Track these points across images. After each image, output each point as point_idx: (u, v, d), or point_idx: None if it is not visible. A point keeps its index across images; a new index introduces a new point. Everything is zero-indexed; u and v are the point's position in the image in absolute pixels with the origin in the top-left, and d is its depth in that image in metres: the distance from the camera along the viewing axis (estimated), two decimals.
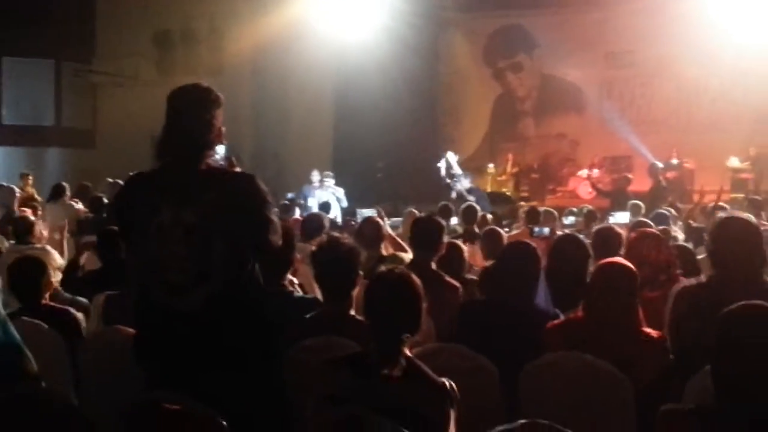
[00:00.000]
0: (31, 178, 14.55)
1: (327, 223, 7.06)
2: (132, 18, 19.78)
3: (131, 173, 3.68)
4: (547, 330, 3.93)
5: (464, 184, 15.17)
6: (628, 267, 3.86)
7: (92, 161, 19.30)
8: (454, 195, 14.68)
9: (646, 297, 4.00)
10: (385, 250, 6.54)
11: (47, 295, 4.87)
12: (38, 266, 4.86)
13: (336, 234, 4.27)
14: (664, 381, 3.59)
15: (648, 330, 3.77)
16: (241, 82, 18.33)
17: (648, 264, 4.55)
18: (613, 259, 4.12)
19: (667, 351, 3.70)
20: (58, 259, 7.30)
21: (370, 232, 6.24)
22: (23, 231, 7.54)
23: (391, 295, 2.98)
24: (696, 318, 3.52)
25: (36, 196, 13.26)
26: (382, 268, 3.31)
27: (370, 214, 9.88)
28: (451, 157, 16.74)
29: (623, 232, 6.09)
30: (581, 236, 5.62)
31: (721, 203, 10.08)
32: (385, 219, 8.01)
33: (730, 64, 18.91)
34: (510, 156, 20.55)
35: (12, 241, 7.73)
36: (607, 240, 5.49)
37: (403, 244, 6.58)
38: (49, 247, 7.56)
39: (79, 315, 4.76)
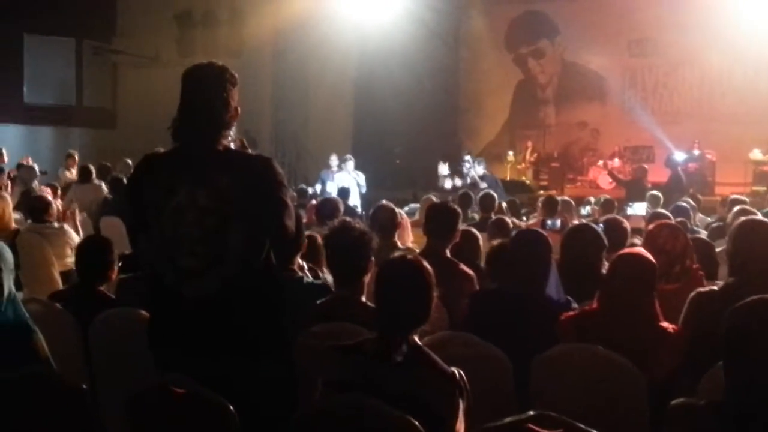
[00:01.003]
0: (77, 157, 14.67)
1: (342, 208, 6.97)
2: None
3: (146, 153, 3.64)
4: (560, 321, 3.88)
5: (477, 170, 15.09)
6: (648, 259, 3.79)
7: (113, 141, 19.37)
8: (468, 181, 14.61)
9: (661, 289, 3.94)
10: (401, 240, 6.42)
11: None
12: (106, 246, 4.83)
13: (348, 218, 4.21)
14: (678, 376, 3.55)
15: (665, 324, 3.72)
16: (261, 65, 18.33)
17: (664, 253, 4.49)
18: (633, 249, 4.06)
19: (682, 346, 3.64)
20: (74, 238, 7.38)
21: (384, 219, 6.04)
22: (39, 210, 7.60)
23: (401, 282, 2.95)
24: (710, 324, 3.47)
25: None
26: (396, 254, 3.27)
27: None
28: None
29: (628, 225, 6.04)
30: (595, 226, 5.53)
31: (738, 195, 9.96)
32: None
33: (754, 55, 18.70)
34: (530, 143, 20.50)
35: (29, 221, 7.78)
36: (613, 231, 5.44)
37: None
38: (66, 226, 7.64)
39: None
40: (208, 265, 3.16)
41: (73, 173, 13.75)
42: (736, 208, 6.83)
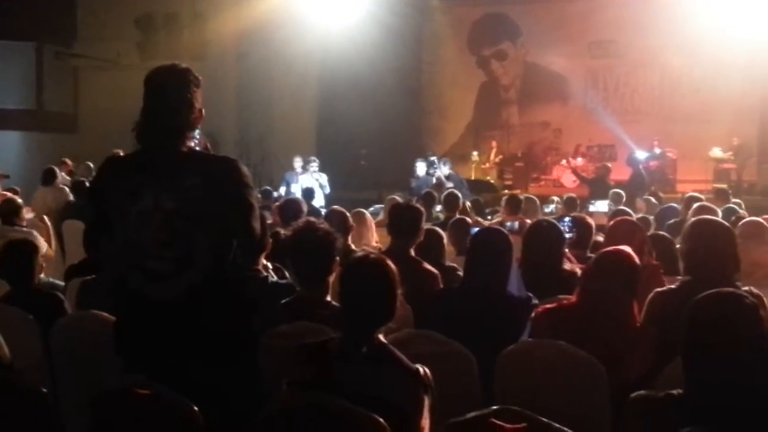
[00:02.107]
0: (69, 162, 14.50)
1: (305, 209, 6.96)
2: (114, 1, 19.61)
3: (108, 156, 3.60)
4: (535, 314, 3.89)
5: (443, 170, 15.15)
6: (631, 257, 3.80)
7: (74, 145, 19.13)
8: (433, 181, 14.66)
9: None
10: (365, 240, 6.44)
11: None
12: (30, 248, 4.80)
13: (313, 218, 4.22)
14: (651, 374, 3.57)
15: (641, 323, 3.75)
16: (224, 68, 18.26)
17: None
18: (618, 248, 4.04)
19: (654, 347, 3.64)
20: (41, 243, 7.32)
21: (336, 223, 6.03)
22: (10, 212, 7.62)
23: (366, 281, 2.95)
24: (669, 321, 3.51)
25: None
26: (359, 253, 3.27)
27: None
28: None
29: (593, 222, 6.11)
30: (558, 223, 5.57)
31: (696, 193, 10.10)
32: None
33: (712, 55, 18.99)
34: (494, 144, 20.57)
35: None
36: (579, 228, 5.48)
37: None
38: (34, 231, 7.58)
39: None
40: (176, 268, 3.14)
41: (66, 179, 13.54)
42: (694, 206, 6.92)
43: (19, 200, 8.34)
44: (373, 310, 2.93)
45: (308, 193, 12.47)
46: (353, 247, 6.07)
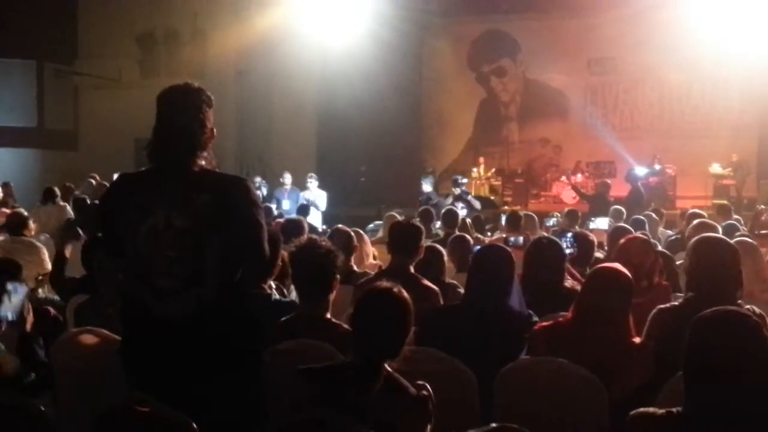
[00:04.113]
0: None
1: (306, 227, 6.97)
2: (115, 19, 19.67)
3: (116, 174, 3.61)
4: (533, 332, 3.91)
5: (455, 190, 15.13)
6: (625, 274, 3.83)
7: (74, 163, 19.19)
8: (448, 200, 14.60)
9: None
10: (360, 261, 6.43)
11: None
12: (14, 267, 4.81)
13: (315, 236, 4.24)
14: (647, 391, 3.57)
15: (636, 340, 3.75)
16: (224, 85, 18.29)
17: (633, 267, 4.51)
18: (611, 264, 4.08)
19: (651, 362, 3.65)
20: (45, 254, 7.38)
21: (340, 243, 6.02)
22: (18, 224, 7.85)
23: (383, 312, 2.95)
24: (671, 338, 3.50)
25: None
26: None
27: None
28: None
29: (594, 239, 6.11)
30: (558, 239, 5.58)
31: (697, 209, 10.11)
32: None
33: (711, 72, 19.09)
34: (482, 160, 20.34)
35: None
36: (581, 244, 5.49)
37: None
38: (37, 242, 7.66)
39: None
40: (185, 286, 3.15)
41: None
42: (694, 222, 6.93)
43: (26, 213, 8.52)
44: (386, 343, 2.93)
45: (303, 210, 12.48)
46: (355, 267, 6.07)
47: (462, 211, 12.98)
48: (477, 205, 14.74)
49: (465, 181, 16.23)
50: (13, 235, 7.77)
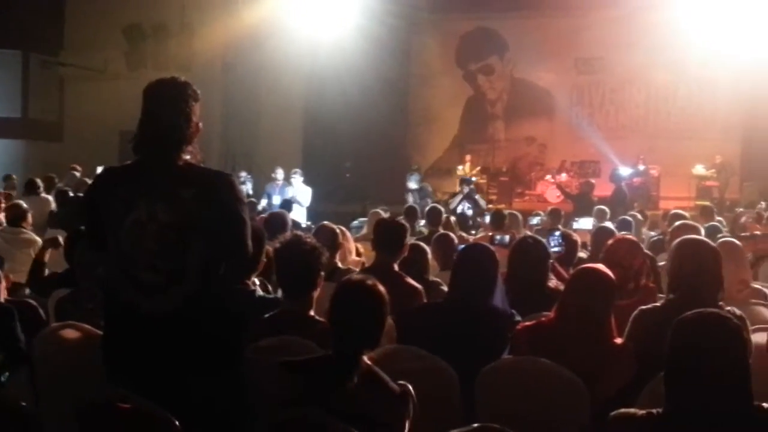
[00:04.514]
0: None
1: (289, 222, 6.96)
2: (102, 10, 19.56)
3: (100, 167, 3.59)
4: (516, 331, 3.92)
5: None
6: (607, 275, 3.84)
7: (59, 154, 19.09)
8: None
9: (614, 305, 3.98)
10: (344, 258, 6.43)
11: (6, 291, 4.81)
12: None
13: (300, 233, 4.23)
14: (628, 391, 3.59)
15: (618, 340, 3.77)
16: (211, 79, 18.19)
17: (621, 268, 4.53)
18: (593, 264, 4.10)
19: (633, 362, 3.67)
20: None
21: (325, 240, 6.01)
22: (17, 216, 8.02)
23: (357, 304, 2.98)
24: (653, 339, 3.52)
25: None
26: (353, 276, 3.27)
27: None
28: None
29: (578, 238, 6.13)
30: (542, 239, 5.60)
31: (679, 210, 10.16)
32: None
33: (697, 74, 19.19)
34: (468, 158, 20.37)
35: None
36: (566, 243, 5.51)
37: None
38: (36, 237, 7.76)
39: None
40: (168, 281, 3.14)
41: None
42: (676, 223, 6.96)
43: (25, 205, 8.57)
44: (362, 334, 2.95)
45: (286, 206, 12.45)
46: (339, 264, 6.07)
47: (469, 211, 13.09)
48: (483, 204, 14.77)
49: (474, 179, 16.26)
50: (12, 227, 7.97)
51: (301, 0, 18.11)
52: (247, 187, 15.04)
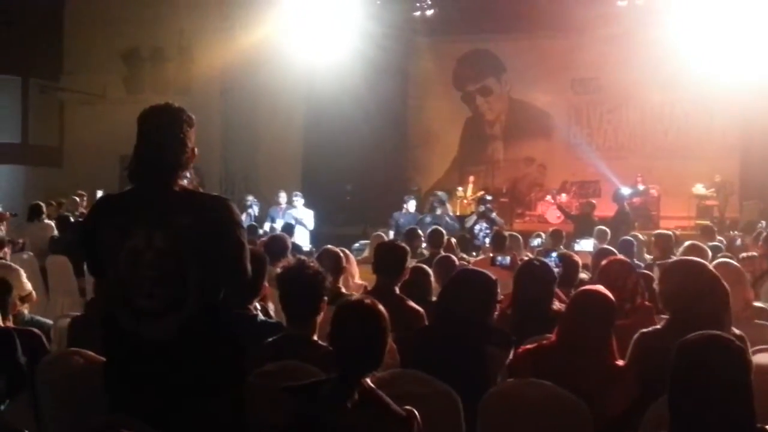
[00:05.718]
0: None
1: (290, 245, 6.95)
2: (100, 35, 19.63)
3: (100, 191, 3.61)
4: (517, 354, 3.92)
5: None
6: (608, 297, 3.84)
7: (59, 179, 19.12)
8: (427, 219, 14.51)
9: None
10: (347, 282, 6.42)
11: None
12: (4, 286, 4.79)
13: (304, 257, 4.23)
14: (630, 414, 3.59)
15: (619, 362, 3.77)
16: (210, 102, 18.29)
17: (616, 289, 4.53)
18: (593, 287, 4.09)
19: (635, 384, 3.67)
20: (23, 276, 7.31)
21: (329, 264, 5.81)
22: None
23: (358, 326, 2.97)
24: (654, 362, 3.51)
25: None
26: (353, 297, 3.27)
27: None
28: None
29: (579, 260, 6.12)
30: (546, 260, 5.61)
31: (664, 231, 10.05)
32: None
33: (694, 93, 19.24)
34: (471, 179, 20.46)
35: None
36: (566, 265, 5.50)
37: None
38: (13, 264, 7.57)
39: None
40: (166, 307, 3.13)
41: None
42: (685, 244, 6.85)
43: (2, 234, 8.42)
44: (362, 356, 2.94)
45: (288, 230, 12.45)
46: (343, 289, 6.05)
47: (486, 230, 12.99)
48: (501, 222, 14.62)
49: (490, 198, 16.18)
50: None
51: (299, 24, 18.16)
52: (254, 211, 15.01)
